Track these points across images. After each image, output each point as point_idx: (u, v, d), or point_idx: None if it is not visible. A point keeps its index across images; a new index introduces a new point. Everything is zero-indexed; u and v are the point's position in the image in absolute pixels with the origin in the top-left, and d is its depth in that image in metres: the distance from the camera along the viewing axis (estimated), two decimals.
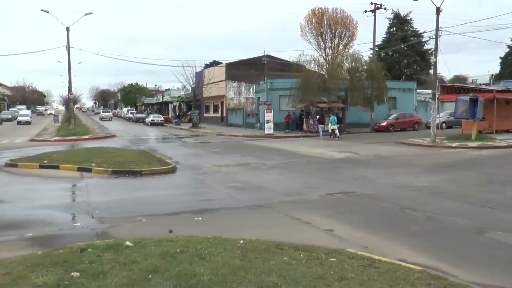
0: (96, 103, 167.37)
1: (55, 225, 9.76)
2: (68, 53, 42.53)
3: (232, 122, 52.72)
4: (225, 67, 56.71)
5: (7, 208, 11.56)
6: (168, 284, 5.35)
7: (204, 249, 6.73)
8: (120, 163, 17.69)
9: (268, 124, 37.66)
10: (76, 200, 13.21)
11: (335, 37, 40.46)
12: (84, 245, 7.09)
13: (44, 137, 36.64)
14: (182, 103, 72.94)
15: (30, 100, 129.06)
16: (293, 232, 8.58)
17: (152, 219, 9.97)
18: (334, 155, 21.86)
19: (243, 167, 18.27)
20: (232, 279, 5.48)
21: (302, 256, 6.54)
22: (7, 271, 6.01)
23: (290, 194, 12.57)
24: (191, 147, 28.50)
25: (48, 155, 20.78)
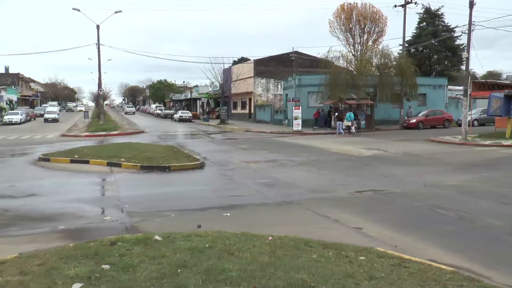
0: (125, 99, 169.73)
1: (86, 219, 9.94)
2: (98, 51, 43.23)
3: (260, 119, 52.69)
4: (253, 64, 56.71)
5: (40, 201, 11.84)
6: (197, 279, 5.37)
7: (232, 244, 6.74)
8: (149, 159, 17.88)
9: (296, 121, 37.51)
10: (106, 194, 13.39)
11: (364, 32, 40.09)
12: (114, 239, 7.20)
13: (74, 133, 37.40)
14: (210, 100, 73.29)
15: (61, 96, 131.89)
16: (321, 230, 8.52)
17: (180, 214, 10.05)
18: (362, 152, 21.64)
19: (271, 164, 18.25)
20: (260, 275, 5.47)
21: (331, 254, 6.48)
22: (41, 262, 6.18)
23: (319, 191, 12.49)
24: (219, 143, 28.62)
25: (79, 150, 21.19)
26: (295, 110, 37.85)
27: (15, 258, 6.55)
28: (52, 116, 56.85)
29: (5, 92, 75.82)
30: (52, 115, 57.19)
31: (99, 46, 43.04)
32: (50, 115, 57.55)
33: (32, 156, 21.17)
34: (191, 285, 5.19)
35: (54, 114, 57.84)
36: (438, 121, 39.16)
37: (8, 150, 24.81)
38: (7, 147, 26.64)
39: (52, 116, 56.82)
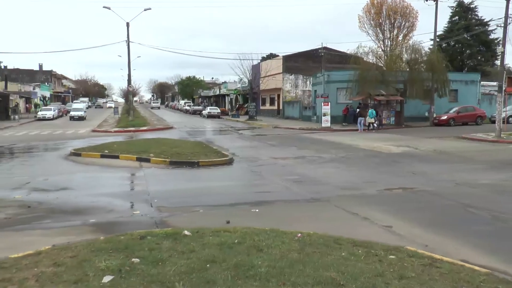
0: (154, 95, 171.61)
1: (116, 212, 10.11)
2: (128, 48, 43.89)
3: (289, 115, 52.54)
4: (282, 60, 56.50)
5: (72, 195, 12.08)
6: (226, 274, 5.40)
7: (261, 241, 6.75)
8: (178, 154, 18.04)
9: (325, 117, 37.28)
10: (135, 189, 13.59)
11: (394, 27, 39.41)
12: (143, 233, 7.30)
13: (105, 128, 38.03)
14: (238, 96, 73.47)
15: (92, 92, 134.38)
16: (350, 227, 8.45)
17: (209, 210, 10.11)
18: (392, 149, 21.36)
19: (300, 160, 18.18)
20: (289, 272, 5.46)
21: (360, 252, 6.42)
22: (74, 254, 6.33)
23: (348, 188, 12.40)
24: (248, 139, 28.66)
25: (109, 145, 21.58)
26: (324, 106, 37.61)
27: (49, 249, 6.72)
28: (78, 113, 52.77)
29: (39, 88, 77.73)
30: (78, 113, 52.99)
31: (129, 44, 43.70)
32: (76, 112, 53.37)
33: (64, 151, 21.65)
34: (220, 281, 5.22)
35: (80, 112, 53.57)
36: (470, 117, 38.27)
37: (42, 145, 25.47)
38: (40, 142, 27.34)
39: (78, 113, 52.74)
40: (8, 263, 6.13)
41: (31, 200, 11.29)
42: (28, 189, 12.69)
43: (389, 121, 37.94)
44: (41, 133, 34.23)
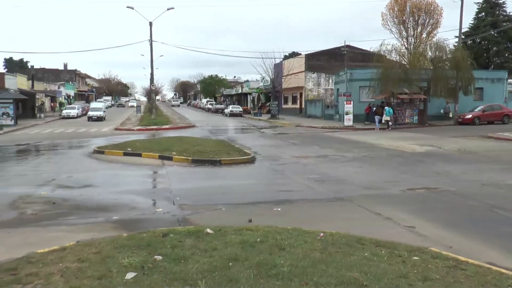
0: (176, 94, 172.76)
1: (138, 210, 10.20)
2: (151, 47, 44.15)
3: (311, 114, 52.32)
4: (305, 58, 56.30)
5: (96, 192, 12.26)
6: (249, 273, 5.40)
7: (284, 240, 6.73)
8: (200, 152, 18.12)
9: (347, 116, 36.99)
10: (158, 186, 13.67)
11: (418, 25, 38.95)
12: (166, 230, 7.35)
13: (127, 126, 38.43)
14: (261, 95, 73.45)
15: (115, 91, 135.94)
16: (373, 227, 8.38)
17: (231, 208, 10.13)
18: (415, 149, 21.09)
19: (322, 159, 18.09)
20: (312, 272, 5.43)
21: (383, 252, 6.35)
22: (97, 250, 6.43)
23: (370, 188, 12.29)
24: (270, 138, 28.62)
25: (132, 143, 21.80)
26: (346, 105, 37.33)
27: (73, 245, 6.84)
28: (97, 114, 48.73)
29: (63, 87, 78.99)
30: (97, 113, 48.89)
31: (152, 43, 43.96)
32: (94, 112, 49.32)
33: (87, 149, 21.98)
34: (242, 279, 5.22)
35: (99, 112, 49.32)
36: (496, 116, 37.45)
37: (66, 143, 25.89)
38: (65, 140, 27.79)
39: (96, 114, 48.73)
40: (35, 258, 6.27)
41: (56, 196, 11.51)
42: (53, 186, 12.93)
43: (412, 120, 37.46)
44: (66, 131, 34.80)
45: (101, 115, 48.88)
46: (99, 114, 48.75)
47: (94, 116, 48.12)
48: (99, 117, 48.12)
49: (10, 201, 11.05)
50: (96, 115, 48.39)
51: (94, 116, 48.00)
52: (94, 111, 49.73)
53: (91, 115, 48.38)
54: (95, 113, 48.82)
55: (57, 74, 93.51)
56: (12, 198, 11.35)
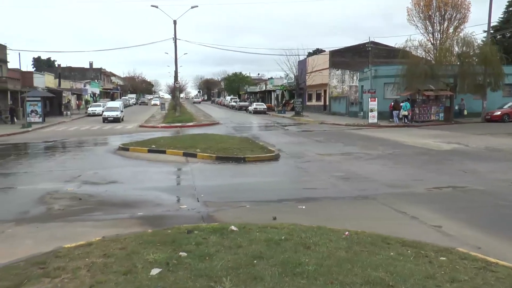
0: (200, 91, 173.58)
1: (163, 206, 10.29)
2: (175, 45, 44.47)
3: (335, 111, 51.96)
4: (329, 55, 55.92)
5: (121, 188, 12.42)
6: (273, 271, 5.38)
7: (308, 238, 6.70)
8: (224, 150, 18.17)
9: (372, 113, 36.57)
10: (182, 183, 13.78)
11: (445, 20, 38.23)
12: (190, 227, 7.40)
13: (152, 124, 38.81)
14: (285, 92, 73.27)
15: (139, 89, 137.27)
16: (398, 226, 8.26)
17: (255, 205, 10.13)
18: (441, 146, 20.74)
19: (346, 157, 17.94)
20: (337, 271, 5.39)
21: (409, 252, 6.26)
22: (123, 246, 6.52)
23: (395, 186, 12.13)
24: (294, 135, 28.52)
25: (156, 140, 22.02)
26: (371, 102, 36.90)
27: (99, 241, 6.94)
28: (113, 114, 42.12)
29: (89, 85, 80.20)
30: (113, 113, 42.22)
31: (176, 41, 44.26)
32: (109, 113, 42.45)
33: (112, 146, 22.29)
34: (267, 277, 5.20)
35: (115, 112, 42.60)
36: None
37: (92, 140, 26.30)
38: (91, 137, 28.24)
39: (112, 114, 42.12)
40: (62, 252, 6.40)
41: (82, 192, 11.70)
42: (79, 182, 13.15)
43: (438, 117, 36.88)
44: (91, 128, 35.35)
45: (118, 115, 42.38)
46: (116, 114, 42.29)
47: (110, 116, 41.84)
48: (116, 118, 41.88)
49: (38, 196, 11.30)
50: (112, 115, 42.07)
51: (109, 117, 41.80)
52: (109, 111, 43.18)
53: (106, 116, 42.02)
54: (110, 113, 42.40)
55: (83, 72, 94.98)
56: (40, 193, 11.61)
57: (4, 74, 44.49)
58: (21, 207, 10.35)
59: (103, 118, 42.03)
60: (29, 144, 25.15)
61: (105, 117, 42.01)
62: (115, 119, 41.61)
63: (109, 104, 48.30)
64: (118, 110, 43.55)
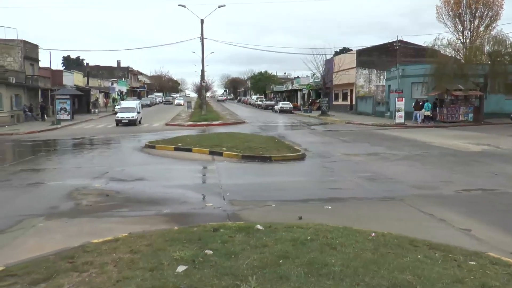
0: (226, 90, 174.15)
1: (189, 204, 10.36)
2: (202, 44, 44.64)
3: (361, 111, 51.46)
4: (356, 54, 55.41)
5: (147, 185, 12.54)
6: (299, 271, 5.35)
7: (334, 238, 6.65)
8: (250, 149, 18.19)
9: (399, 113, 36.09)
10: (208, 182, 13.83)
11: (475, 17, 37.49)
12: (216, 225, 7.42)
13: (178, 122, 39.10)
14: (311, 91, 72.91)
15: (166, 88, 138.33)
16: (426, 229, 8.12)
17: (281, 205, 10.10)
18: (470, 148, 20.34)
19: (373, 157, 17.76)
20: (363, 273, 5.33)
21: (437, 255, 6.13)
22: (149, 243, 6.58)
23: (422, 188, 11.95)
24: (320, 135, 28.37)
25: (182, 138, 22.19)
26: (398, 102, 36.42)
27: (126, 237, 7.03)
28: (128, 116, 35.52)
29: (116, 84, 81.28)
30: (128, 115, 35.64)
31: (203, 40, 44.42)
32: (124, 114, 35.87)
33: (139, 143, 22.54)
34: (293, 277, 5.18)
35: (130, 113, 35.95)
36: None
37: (119, 137, 26.74)
38: (117, 134, 28.63)
39: (127, 116, 35.51)
40: (90, 247, 6.51)
41: (109, 189, 11.88)
42: (106, 179, 13.36)
43: (467, 118, 36.17)
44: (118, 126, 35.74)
45: (134, 117, 35.71)
46: (131, 116, 35.57)
47: (124, 118, 35.28)
48: (131, 120, 35.32)
49: (67, 192, 11.53)
50: (127, 117, 35.33)
51: (124, 119, 35.26)
52: (124, 112, 36.39)
53: (120, 118, 35.47)
54: (125, 114, 35.72)
55: (111, 71, 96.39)
56: (69, 189, 11.84)
57: (35, 73, 45.52)
58: (51, 202, 10.58)
59: (116, 120, 35.68)
60: (58, 141, 25.68)
61: (118, 119, 35.52)
62: (130, 122, 35.16)
63: (124, 104, 40.46)
64: (134, 111, 36.72)
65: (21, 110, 40.23)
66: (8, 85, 37.29)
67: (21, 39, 43.36)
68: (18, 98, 40.15)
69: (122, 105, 39.39)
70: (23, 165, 16.42)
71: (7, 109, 37.29)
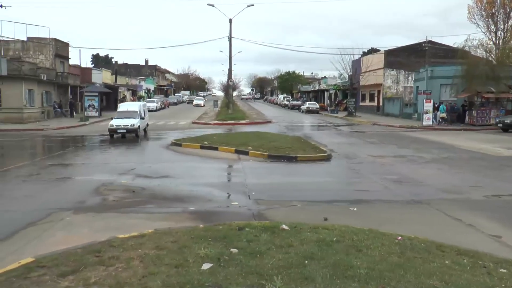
0: (253, 89, 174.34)
1: (214, 202, 10.40)
2: (230, 43, 44.73)
3: (388, 112, 50.84)
4: (384, 54, 54.74)
5: (173, 183, 12.66)
6: (325, 272, 5.31)
7: (360, 241, 6.59)
8: (276, 148, 18.16)
9: (427, 115, 35.51)
10: (233, 180, 13.88)
11: (509, 17, 36.58)
12: (242, 224, 7.44)
13: (204, 120, 39.27)
14: (338, 91, 72.39)
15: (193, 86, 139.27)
16: (453, 234, 7.96)
17: (306, 205, 10.07)
18: (500, 152, 19.87)
19: (400, 159, 17.54)
20: (390, 277, 5.25)
21: (466, 261, 6.00)
22: (174, 239, 6.63)
23: (450, 192, 11.72)
24: (346, 135, 28.16)
25: (208, 137, 22.27)
26: (426, 104, 35.80)
27: (152, 233, 7.10)
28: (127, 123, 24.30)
29: (144, 82, 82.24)
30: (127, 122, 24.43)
31: (231, 39, 44.49)
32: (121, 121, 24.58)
33: (165, 141, 22.74)
34: (318, 278, 5.14)
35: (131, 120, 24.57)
36: None
37: (145, 135, 26.84)
38: None
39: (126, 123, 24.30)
40: (116, 242, 6.60)
41: (136, 185, 12.03)
42: (133, 175, 13.53)
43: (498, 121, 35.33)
44: None
45: (134, 126, 24.40)
46: (131, 124, 24.35)
47: (121, 128, 24.25)
48: (130, 130, 24.45)
49: (94, 187, 11.72)
50: (125, 126, 24.30)
51: (120, 129, 24.25)
52: (121, 117, 25.08)
53: (115, 127, 24.32)
54: (122, 122, 24.53)
55: (139, 69, 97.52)
56: (96, 184, 12.04)
57: (65, 70, 46.37)
58: (78, 196, 10.77)
59: (110, 131, 24.61)
60: (86, 137, 26.12)
61: (112, 129, 24.48)
62: (128, 132, 24.47)
63: (122, 107, 27.76)
64: (136, 116, 25.20)
65: (51, 107, 41.07)
66: (39, 82, 38.09)
67: (52, 38, 44.18)
68: (48, 95, 40.97)
69: (121, 108, 27.44)
70: (52, 160, 16.76)
71: (38, 105, 38.08)
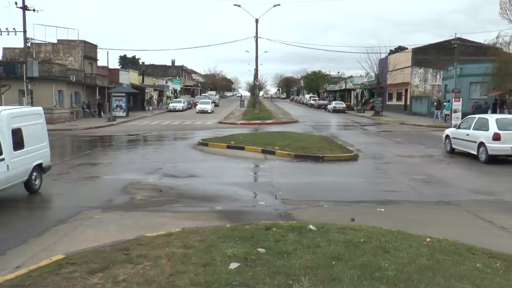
0: (279, 89, 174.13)
1: (241, 202, 10.43)
2: (256, 43, 44.76)
3: (416, 111, 50.02)
4: (411, 53, 53.87)
5: (200, 182, 12.72)
6: (352, 273, 5.27)
7: (388, 242, 6.50)
8: (303, 148, 18.09)
9: (456, 114, 34.72)
10: (260, 180, 13.88)
11: None
12: (269, 224, 7.44)
13: (231, 120, 39.35)
14: (364, 91, 71.67)
15: (219, 86, 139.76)
16: (484, 236, 7.80)
17: (333, 205, 10.01)
18: None
19: (428, 159, 17.27)
20: (418, 279, 5.17)
21: (498, 265, 5.87)
22: (202, 239, 6.66)
23: (481, 193, 11.48)
24: (373, 135, 27.85)
25: (235, 136, 22.31)
26: (455, 102, 35.04)
27: (179, 232, 7.16)
28: None
29: (170, 82, 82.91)
30: None
31: (257, 39, 44.52)
32: None
33: (192, 141, 22.87)
34: (346, 279, 5.11)
35: None
36: None
37: (172, 135, 27.18)
38: (171, 131, 29.18)
39: None
40: (144, 240, 6.67)
41: (163, 184, 12.14)
42: (160, 174, 13.65)
43: None
44: (172, 123, 36.52)
45: None
46: None
47: None
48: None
49: (122, 186, 11.88)
50: None
51: None
52: None
53: None
54: None
55: (165, 69, 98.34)
56: (124, 184, 12.20)
57: (94, 71, 47.18)
58: (106, 195, 10.95)
59: None
60: (114, 137, 26.50)
61: None
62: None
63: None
64: None
65: (80, 107, 41.79)
66: (68, 83, 38.85)
67: (81, 40, 45.04)
68: (77, 96, 41.72)
69: None
70: (81, 159, 17.05)
71: (67, 106, 38.82)
